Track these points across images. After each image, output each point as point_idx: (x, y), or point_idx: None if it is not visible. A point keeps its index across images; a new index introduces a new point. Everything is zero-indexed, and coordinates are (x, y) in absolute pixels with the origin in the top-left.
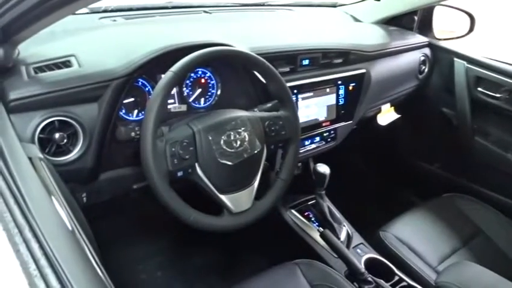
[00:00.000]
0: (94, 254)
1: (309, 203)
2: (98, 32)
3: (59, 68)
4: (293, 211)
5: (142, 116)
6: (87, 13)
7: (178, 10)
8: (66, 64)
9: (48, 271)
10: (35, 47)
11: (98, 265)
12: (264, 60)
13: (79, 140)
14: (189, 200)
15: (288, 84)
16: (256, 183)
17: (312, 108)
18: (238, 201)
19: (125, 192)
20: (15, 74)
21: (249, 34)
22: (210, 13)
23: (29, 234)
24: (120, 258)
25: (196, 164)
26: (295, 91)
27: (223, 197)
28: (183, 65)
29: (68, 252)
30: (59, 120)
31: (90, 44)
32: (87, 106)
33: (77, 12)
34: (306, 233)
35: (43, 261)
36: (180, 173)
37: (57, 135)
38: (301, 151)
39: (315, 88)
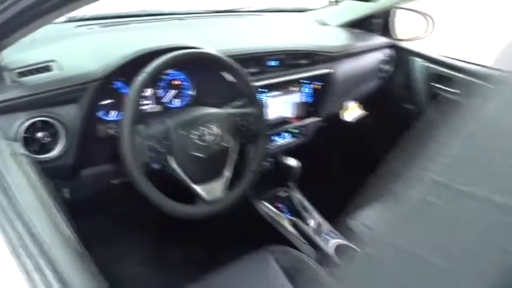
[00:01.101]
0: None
1: (281, 195)
2: (76, 39)
3: (40, 72)
4: (265, 203)
5: (120, 117)
6: (65, 22)
7: (152, 18)
8: (47, 68)
9: (45, 267)
10: (17, 54)
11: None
12: (232, 61)
13: (61, 139)
14: (166, 192)
15: (257, 84)
16: (227, 174)
17: (281, 106)
18: (211, 191)
19: (106, 188)
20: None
21: (219, 38)
22: (183, 20)
23: (20, 227)
24: (101, 256)
25: (172, 157)
26: (263, 90)
27: (196, 187)
28: (155, 66)
29: (62, 245)
30: (41, 121)
31: (69, 50)
32: (67, 107)
33: (54, 21)
34: (278, 222)
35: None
36: (156, 165)
37: (40, 134)
38: (271, 146)
39: (283, 87)
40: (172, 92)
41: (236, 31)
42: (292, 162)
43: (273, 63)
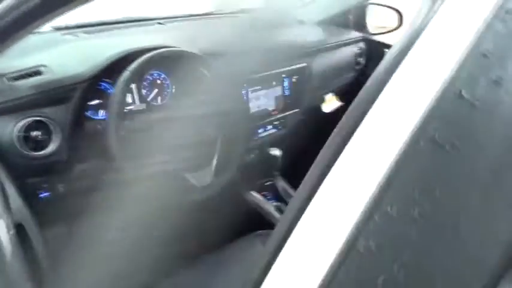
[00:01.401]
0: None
1: (266, 184)
2: (63, 46)
3: (32, 76)
4: (251, 192)
5: (104, 115)
6: (51, 31)
7: (134, 23)
8: (38, 72)
9: None
10: (8, 62)
11: None
12: (208, 58)
13: (54, 137)
14: None
15: (238, 79)
16: (214, 163)
17: (261, 100)
18: (200, 178)
19: (97, 183)
20: None
21: (198, 38)
22: (163, 24)
23: None
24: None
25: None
26: (244, 85)
27: (187, 175)
28: (138, 64)
29: None
30: (35, 120)
31: (57, 55)
32: (59, 107)
33: (41, 31)
34: (264, 209)
35: None
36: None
37: (34, 133)
38: (255, 138)
39: (263, 82)
40: (155, 91)
41: (214, 32)
42: (276, 152)
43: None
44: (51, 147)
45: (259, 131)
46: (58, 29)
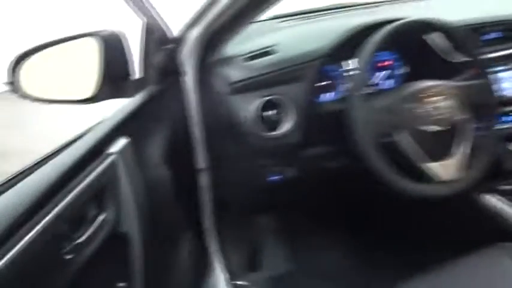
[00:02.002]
0: None
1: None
2: (285, 30)
3: (265, 55)
4: (491, 194)
5: (334, 97)
6: (269, 19)
7: (347, 9)
8: (270, 52)
9: None
10: (238, 47)
11: None
12: (455, 27)
13: (288, 117)
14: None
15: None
16: (464, 152)
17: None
18: (446, 169)
19: (320, 171)
20: (231, 65)
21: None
22: (378, 6)
23: None
24: (303, 246)
25: (400, 132)
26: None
27: (429, 165)
28: (382, 35)
29: None
30: (270, 99)
31: (284, 37)
32: (292, 85)
33: (260, 19)
34: (503, 215)
35: None
36: (386, 140)
37: (269, 113)
38: (500, 127)
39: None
40: (383, 73)
41: (444, 9)
42: None
43: (493, 35)
44: (284, 128)
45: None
46: (274, 18)
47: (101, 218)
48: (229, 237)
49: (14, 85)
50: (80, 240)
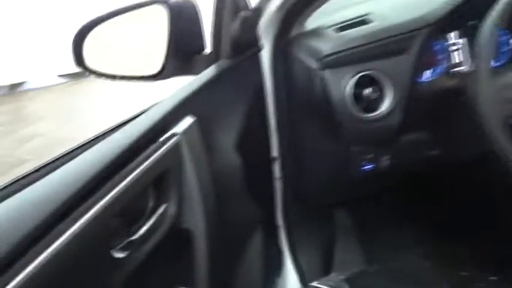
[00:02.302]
0: None
1: None
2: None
3: (360, 25)
4: None
5: (439, 74)
6: None
7: None
8: (365, 21)
9: None
10: (327, 17)
11: None
12: None
13: (388, 95)
14: None
15: None
16: None
17: None
18: None
19: (418, 160)
20: (320, 37)
21: None
22: None
23: None
24: (381, 244)
25: None
26: None
27: None
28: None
29: None
30: (367, 75)
31: (380, 4)
32: (394, 59)
33: None
34: None
35: None
36: None
37: (366, 91)
38: None
39: None
40: None
41: None
42: None
43: None
44: (383, 108)
45: None
46: None
47: (160, 210)
48: (303, 235)
49: (77, 59)
50: (134, 237)
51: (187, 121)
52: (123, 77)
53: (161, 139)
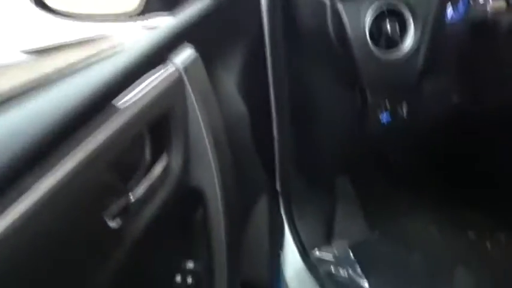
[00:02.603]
0: None
1: None
2: None
3: None
4: None
5: (462, 14)
6: None
7: None
8: None
9: None
10: None
11: None
12: None
13: (410, 32)
14: None
15: None
16: None
17: None
18: None
19: (438, 113)
20: None
21: None
22: None
23: None
24: (384, 211)
25: None
26: None
27: None
28: None
29: None
30: (388, 10)
31: None
32: None
33: None
34: None
35: None
36: None
37: (387, 26)
38: None
39: None
40: None
41: None
42: None
43: None
44: (406, 46)
45: None
46: None
47: (161, 164)
48: (303, 203)
49: None
50: (131, 198)
51: (188, 51)
52: (93, 16)
53: (158, 73)
